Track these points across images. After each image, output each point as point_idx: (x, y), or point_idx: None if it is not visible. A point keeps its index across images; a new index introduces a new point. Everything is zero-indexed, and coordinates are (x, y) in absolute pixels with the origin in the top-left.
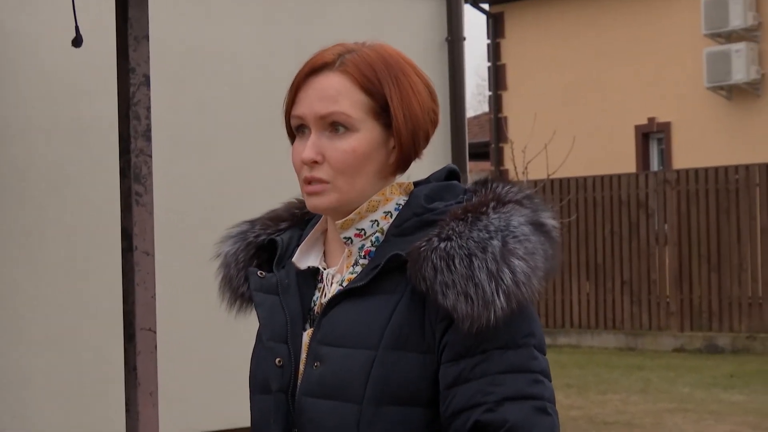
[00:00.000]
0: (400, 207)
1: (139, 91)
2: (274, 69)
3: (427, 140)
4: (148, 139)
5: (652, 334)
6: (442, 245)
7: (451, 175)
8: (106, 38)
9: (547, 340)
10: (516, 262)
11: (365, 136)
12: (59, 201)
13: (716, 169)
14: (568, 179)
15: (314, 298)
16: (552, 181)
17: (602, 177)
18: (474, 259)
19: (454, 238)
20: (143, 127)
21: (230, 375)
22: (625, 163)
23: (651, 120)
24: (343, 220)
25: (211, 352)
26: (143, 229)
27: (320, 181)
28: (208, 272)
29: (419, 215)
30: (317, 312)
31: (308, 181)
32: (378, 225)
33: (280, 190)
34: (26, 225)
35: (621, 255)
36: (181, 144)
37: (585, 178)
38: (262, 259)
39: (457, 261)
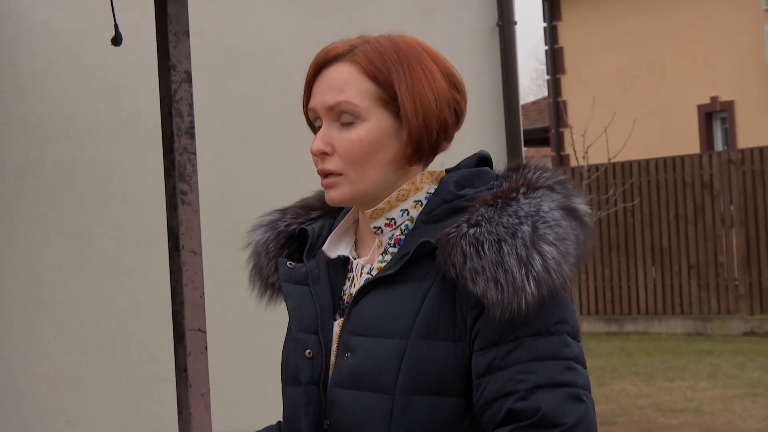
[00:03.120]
0: (430, 195)
1: (180, 88)
2: None
3: (445, 130)
4: (192, 136)
5: (721, 318)
6: (471, 231)
7: (482, 161)
8: (147, 35)
9: (614, 328)
10: (546, 247)
11: (373, 125)
12: (105, 200)
13: None
14: (630, 162)
15: (344, 288)
16: (614, 165)
17: (665, 159)
18: (503, 245)
19: (483, 223)
20: (186, 125)
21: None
22: (688, 144)
23: (713, 99)
24: (373, 209)
25: (262, 350)
26: (189, 228)
27: (331, 173)
28: None
29: (449, 202)
30: (347, 302)
31: (324, 174)
32: (408, 214)
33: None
34: (74, 225)
35: (687, 238)
36: (226, 139)
37: (647, 161)
38: (292, 249)
39: (486, 247)
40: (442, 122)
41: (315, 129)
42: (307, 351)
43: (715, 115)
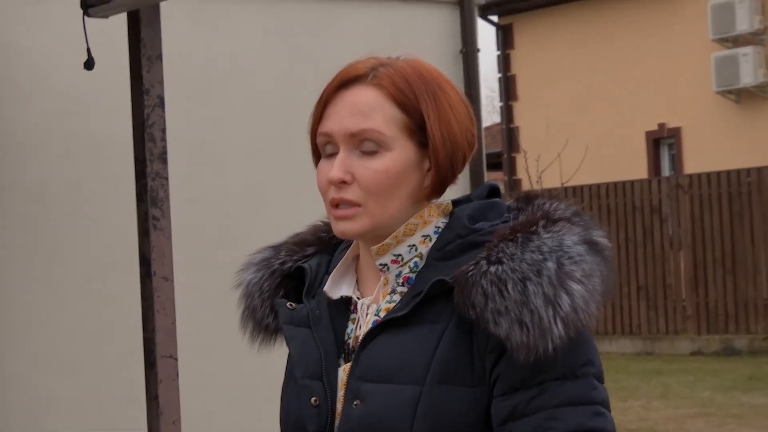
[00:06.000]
0: (440, 230)
1: (153, 113)
2: (287, 83)
3: (464, 163)
4: (164, 161)
5: (669, 338)
6: (493, 269)
7: (492, 192)
8: (119, 58)
9: None
10: (574, 285)
11: (399, 155)
12: (76, 222)
13: (728, 173)
14: (582, 187)
15: (348, 330)
16: (566, 189)
17: (615, 184)
18: (528, 284)
19: (506, 260)
20: (159, 150)
21: (254, 401)
22: (637, 169)
23: (661, 126)
24: (379, 245)
25: (233, 376)
26: (161, 254)
27: (350, 203)
28: (229, 293)
29: (463, 237)
30: (353, 346)
31: (335, 204)
32: (416, 250)
33: (297, 205)
34: (43, 246)
35: (636, 260)
36: (196, 163)
37: (598, 185)
38: (288, 288)
39: (510, 286)
40: (463, 155)
41: (321, 154)
42: (313, 398)
43: (663, 141)
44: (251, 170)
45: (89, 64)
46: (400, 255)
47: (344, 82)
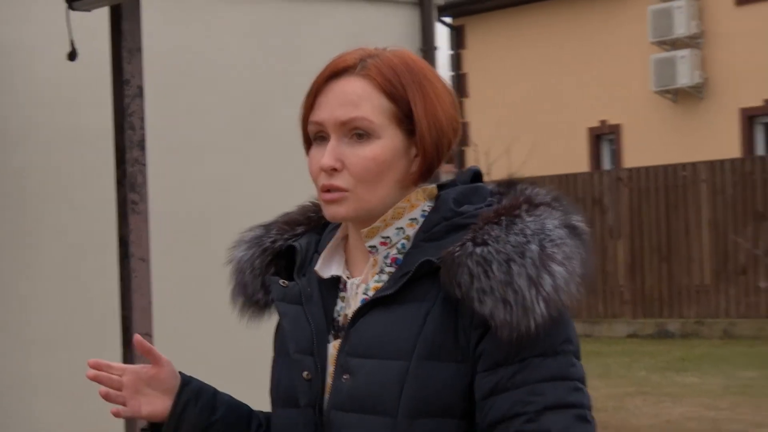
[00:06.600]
0: (426, 213)
1: (133, 103)
2: (261, 77)
3: (450, 150)
4: (143, 148)
5: (608, 321)
6: (478, 250)
7: (476, 177)
8: (101, 50)
9: None
10: (555, 267)
11: (387, 143)
12: (56, 207)
13: (665, 167)
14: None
15: (337, 308)
16: None
17: (559, 176)
18: (513, 265)
19: (491, 242)
20: (138, 137)
21: (229, 378)
22: (580, 163)
23: (603, 123)
24: (369, 228)
25: (207, 353)
26: (139, 237)
27: (339, 189)
28: (204, 276)
29: (449, 219)
30: (342, 323)
31: (326, 189)
32: (404, 232)
33: (267, 193)
34: (24, 231)
35: None
36: (174, 152)
37: (544, 178)
38: (279, 266)
39: (495, 266)
40: (449, 143)
41: (311, 143)
42: (305, 372)
43: (604, 137)
44: (225, 159)
45: (72, 56)
46: (388, 237)
47: (334, 73)
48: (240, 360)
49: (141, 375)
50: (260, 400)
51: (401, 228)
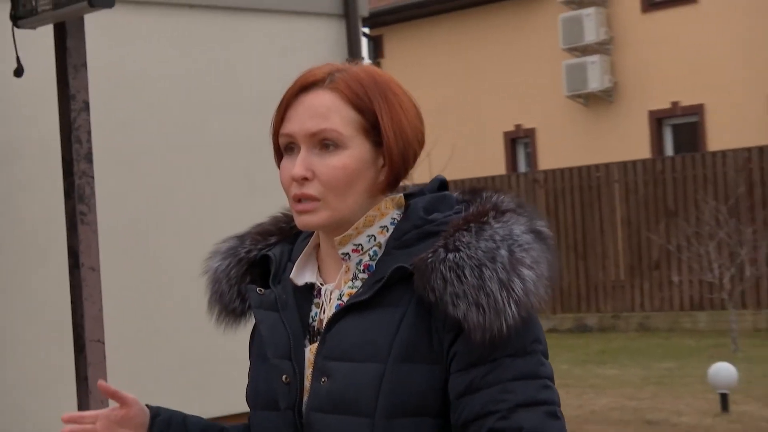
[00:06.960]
0: (395, 221)
1: (80, 117)
2: (197, 89)
3: (415, 160)
4: (90, 161)
5: None
6: (451, 256)
7: (442, 186)
8: (46, 66)
9: None
10: (525, 271)
11: (355, 153)
12: (3, 221)
13: (579, 168)
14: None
15: (312, 313)
16: None
17: (477, 179)
18: (484, 270)
19: (462, 248)
20: (85, 150)
21: (178, 382)
22: (497, 166)
23: (518, 127)
24: (342, 236)
25: (157, 359)
26: (88, 247)
27: (310, 197)
28: (151, 283)
29: (419, 227)
30: (318, 327)
31: (298, 199)
32: (375, 240)
33: (204, 202)
34: None
35: None
36: (117, 163)
37: (463, 181)
38: (254, 275)
39: (467, 271)
40: (414, 153)
41: (282, 154)
42: (284, 376)
43: (519, 141)
44: (163, 169)
45: (19, 72)
46: (360, 245)
47: (303, 86)
48: (189, 361)
49: (112, 418)
50: (207, 401)
51: (372, 235)
